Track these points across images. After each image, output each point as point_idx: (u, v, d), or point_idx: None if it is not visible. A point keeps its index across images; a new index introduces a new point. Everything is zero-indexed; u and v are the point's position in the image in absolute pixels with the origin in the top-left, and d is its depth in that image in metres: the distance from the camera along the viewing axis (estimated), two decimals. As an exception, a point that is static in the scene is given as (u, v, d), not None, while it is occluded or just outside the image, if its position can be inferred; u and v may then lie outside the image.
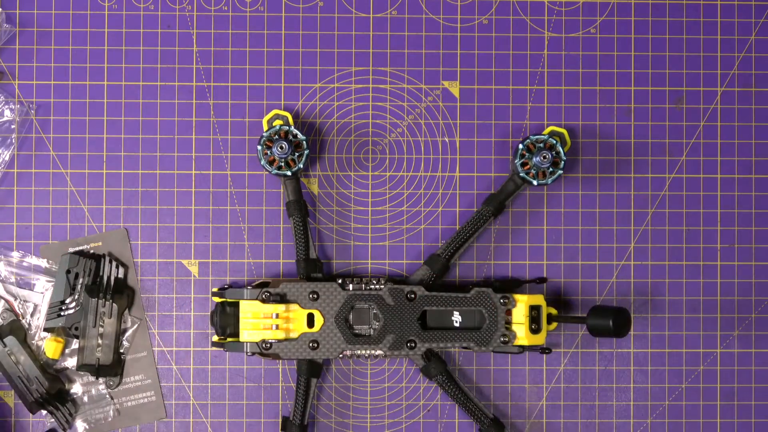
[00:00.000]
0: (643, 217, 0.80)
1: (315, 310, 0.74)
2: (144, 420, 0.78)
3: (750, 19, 0.80)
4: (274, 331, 0.74)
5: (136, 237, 0.79)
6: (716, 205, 0.80)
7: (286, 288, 0.74)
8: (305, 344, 0.74)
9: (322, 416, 0.79)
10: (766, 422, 0.79)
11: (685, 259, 0.80)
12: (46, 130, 0.79)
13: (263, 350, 0.74)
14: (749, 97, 0.80)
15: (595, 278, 0.79)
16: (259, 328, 0.74)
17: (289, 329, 0.74)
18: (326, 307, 0.74)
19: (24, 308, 0.77)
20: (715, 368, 0.80)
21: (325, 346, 0.74)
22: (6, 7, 0.79)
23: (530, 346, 0.75)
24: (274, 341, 0.74)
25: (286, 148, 0.74)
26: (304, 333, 0.74)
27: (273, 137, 0.75)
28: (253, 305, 0.74)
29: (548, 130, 0.77)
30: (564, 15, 0.80)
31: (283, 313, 0.74)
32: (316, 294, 0.74)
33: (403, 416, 0.79)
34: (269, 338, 0.74)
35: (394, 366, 0.79)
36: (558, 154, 0.75)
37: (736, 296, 0.80)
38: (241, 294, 0.74)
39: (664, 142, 0.80)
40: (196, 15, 0.79)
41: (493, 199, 0.77)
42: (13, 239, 0.78)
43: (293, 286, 0.74)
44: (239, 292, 0.74)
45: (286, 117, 0.77)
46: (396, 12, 0.80)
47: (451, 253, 0.76)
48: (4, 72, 0.79)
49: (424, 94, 0.80)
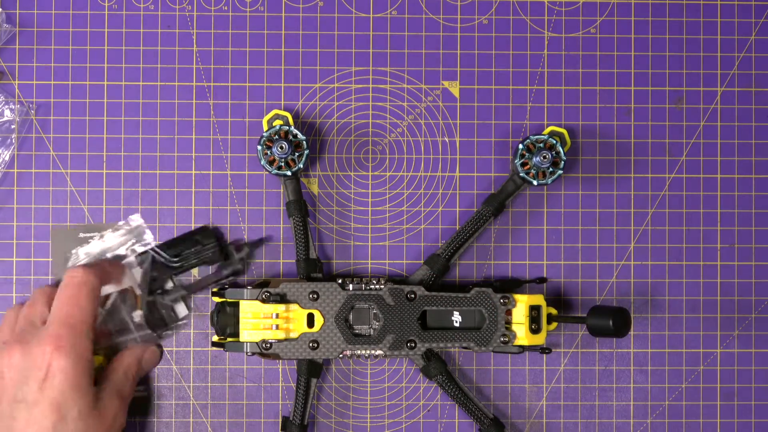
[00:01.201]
0: (643, 217, 0.80)
1: (315, 310, 0.74)
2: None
3: (750, 19, 0.80)
4: (274, 331, 0.73)
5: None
6: (716, 205, 0.80)
7: (286, 288, 0.74)
8: (305, 344, 0.74)
9: (322, 416, 0.79)
10: (766, 422, 0.79)
11: (685, 259, 0.80)
12: (46, 130, 0.79)
13: (263, 350, 0.74)
14: (749, 97, 0.80)
15: (595, 278, 0.79)
16: (259, 328, 0.74)
17: (289, 329, 0.74)
18: (326, 307, 0.74)
19: None
20: (715, 368, 0.80)
21: (325, 346, 0.74)
22: (6, 7, 0.79)
23: (530, 346, 0.75)
24: (274, 341, 0.74)
25: (286, 148, 0.74)
26: (304, 333, 0.74)
27: (273, 137, 0.75)
28: (253, 305, 0.74)
29: (548, 130, 0.77)
30: (564, 15, 0.80)
31: (283, 313, 0.74)
32: (316, 294, 0.74)
33: (403, 416, 0.79)
34: (269, 338, 0.74)
35: (394, 366, 0.79)
36: (558, 154, 0.75)
37: (736, 296, 0.80)
38: (241, 294, 0.74)
39: (664, 142, 0.80)
40: (196, 15, 0.79)
41: (493, 199, 0.77)
42: (13, 239, 0.78)
43: (293, 286, 0.74)
44: (239, 292, 0.74)
45: (286, 117, 0.77)
46: (396, 12, 0.80)
47: (451, 253, 0.76)
48: (4, 72, 0.79)
49: (424, 94, 0.80)
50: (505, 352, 0.75)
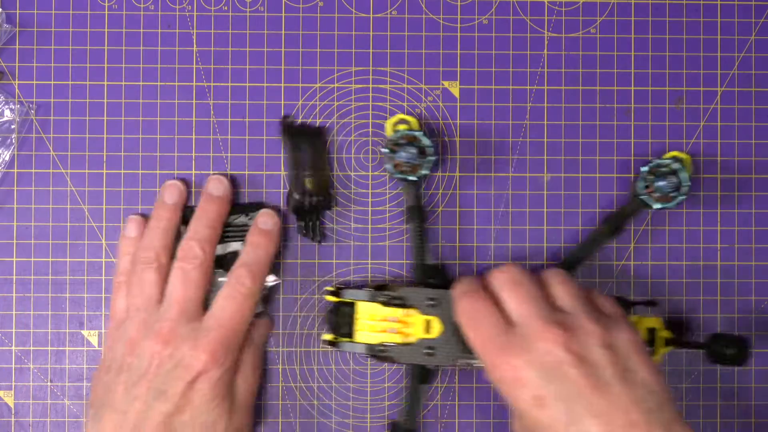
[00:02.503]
0: (643, 217, 0.80)
1: (434, 317, 0.74)
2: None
3: (750, 19, 0.80)
4: (392, 335, 0.73)
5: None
6: (716, 205, 0.80)
7: (405, 292, 0.74)
8: (421, 350, 0.73)
9: (322, 416, 0.79)
10: (766, 422, 0.79)
11: (685, 259, 0.80)
12: (46, 130, 0.79)
13: (378, 353, 0.74)
14: (749, 97, 0.80)
15: (596, 278, 0.79)
16: (376, 330, 0.74)
17: (406, 334, 0.74)
18: (445, 314, 0.73)
19: None
20: (715, 368, 0.80)
21: (440, 353, 0.73)
22: (6, 7, 0.79)
23: None
24: (391, 344, 0.73)
25: (414, 154, 0.74)
26: (422, 339, 0.73)
27: (399, 141, 0.75)
28: (371, 307, 0.74)
29: (671, 154, 0.77)
30: (564, 15, 0.80)
31: (402, 318, 0.74)
32: (436, 300, 0.74)
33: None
34: (387, 341, 0.73)
35: (394, 366, 0.79)
36: (681, 178, 0.75)
37: (736, 296, 0.80)
38: (359, 295, 0.74)
39: (664, 142, 0.80)
40: (196, 15, 0.79)
41: (611, 220, 0.77)
42: (13, 239, 0.78)
43: (413, 290, 0.74)
44: (358, 293, 0.74)
45: (410, 122, 0.77)
46: (396, 12, 0.80)
47: (568, 270, 0.76)
48: (4, 72, 0.79)
49: (424, 94, 0.80)
50: None
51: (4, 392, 0.78)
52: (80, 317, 0.79)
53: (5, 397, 0.78)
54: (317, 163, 0.77)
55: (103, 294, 0.79)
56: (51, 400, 0.78)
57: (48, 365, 0.79)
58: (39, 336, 0.79)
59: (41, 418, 0.78)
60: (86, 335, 0.79)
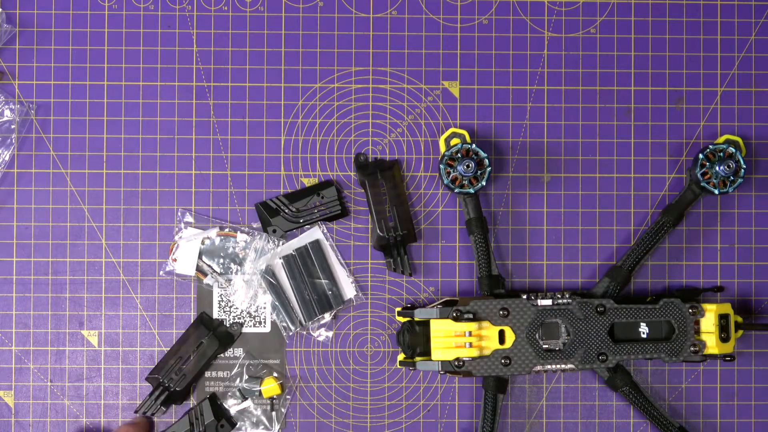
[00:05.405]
0: (643, 217, 0.80)
1: (506, 327, 0.74)
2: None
3: (750, 19, 0.80)
4: (468, 349, 0.73)
5: (136, 237, 0.79)
6: (716, 205, 0.80)
7: (476, 306, 0.74)
8: (498, 361, 0.74)
9: (322, 416, 0.79)
10: (766, 422, 0.79)
11: (685, 259, 0.80)
12: (46, 130, 0.79)
13: (456, 368, 0.73)
14: (749, 97, 0.80)
15: (596, 278, 0.79)
16: (452, 347, 0.74)
17: (481, 347, 0.74)
18: (517, 323, 0.74)
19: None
20: (715, 368, 0.80)
21: (517, 362, 0.74)
22: (6, 7, 0.79)
23: (719, 355, 0.74)
24: (467, 359, 0.73)
25: (472, 167, 0.74)
26: (497, 350, 0.74)
27: (455, 156, 0.75)
28: (444, 324, 0.74)
29: (723, 138, 0.77)
30: (564, 15, 0.80)
31: (476, 331, 0.74)
32: (507, 310, 0.74)
33: (403, 416, 0.79)
34: (463, 356, 0.73)
35: (393, 366, 0.79)
36: (738, 162, 0.75)
37: (736, 296, 0.80)
38: (432, 313, 0.74)
39: (664, 142, 0.80)
40: (196, 15, 0.79)
41: (673, 209, 0.77)
42: (13, 239, 0.78)
43: (483, 303, 0.74)
44: (430, 311, 0.74)
45: (463, 135, 0.77)
46: (396, 12, 0.80)
47: (633, 264, 0.76)
48: (4, 72, 0.79)
49: (424, 94, 0.80)
50: (690, 362, 0.76)
51: (4, 392, 0.78)
52: (80, 317, 0.79)
53: (5, 397, 0.78)
54: (397, 198, 0.77)
55: (103, 294, 0.79)
56: (51, 400, 0.78)
57: (48, 365, 0.79)
58: (39, 336, 0.79)
59: (41, 418, 0.78)
60: (86, 335, 0.79)
